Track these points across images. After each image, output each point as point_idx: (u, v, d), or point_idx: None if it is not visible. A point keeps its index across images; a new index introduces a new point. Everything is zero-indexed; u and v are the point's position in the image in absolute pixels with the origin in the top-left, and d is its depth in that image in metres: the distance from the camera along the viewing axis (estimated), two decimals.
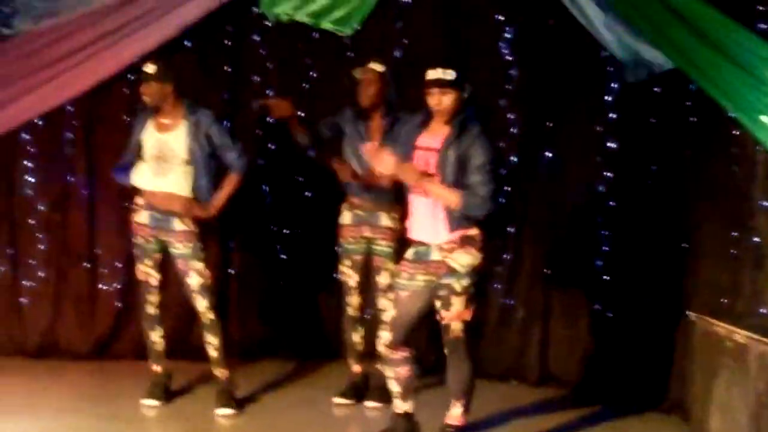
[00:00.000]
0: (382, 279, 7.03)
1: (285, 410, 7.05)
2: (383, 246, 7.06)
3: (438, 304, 5.96)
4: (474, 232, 5.90)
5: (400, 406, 6.20)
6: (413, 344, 6.16)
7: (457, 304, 5.91)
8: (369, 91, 7.08)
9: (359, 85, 7.13)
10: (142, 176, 6.93)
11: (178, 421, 6.82)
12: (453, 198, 5.81)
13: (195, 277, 6.87)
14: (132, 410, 6.91)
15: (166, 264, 7.04)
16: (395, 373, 6.11)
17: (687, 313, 6.91)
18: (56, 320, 8.23)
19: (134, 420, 6.77)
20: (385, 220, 7.04)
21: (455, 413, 6.11)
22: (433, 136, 5.99)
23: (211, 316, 6.89)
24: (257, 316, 8.45)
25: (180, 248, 6.88)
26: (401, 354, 6.06)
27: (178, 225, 6.86)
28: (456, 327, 5.96)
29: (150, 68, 6.85)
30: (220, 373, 6.96)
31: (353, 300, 7.23)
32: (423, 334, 6.88)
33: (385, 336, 6.03)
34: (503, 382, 7.85)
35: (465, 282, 5.89)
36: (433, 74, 5.92)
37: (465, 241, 5.89)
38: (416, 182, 5.88)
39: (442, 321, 5.98)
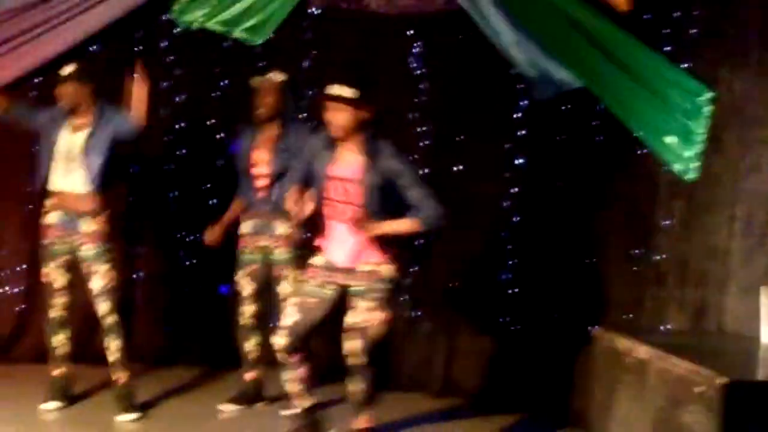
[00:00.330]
0: (282, 288, 7.05)
1: (186, 417, 7.01)
2: (282, 253, 7.06)
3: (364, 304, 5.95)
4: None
5: (303, 403, 6.17)
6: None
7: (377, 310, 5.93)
8: (266, 100, 7.11)
9: (257, 94, 7.15)
10: (52, 177, 6.86)
11: (77, 426, 6.73)
12: (411, 225, 5.87)
13: (98, 280, 6.80)
14: (31, 414, 6.83)
15: (75, 266, 6.95)
16: (295, 375, 6.06)
17: (589, 328, 7.01)
18: None
19: (33, 424, 6.67)
20: (281, 228, 7.05)
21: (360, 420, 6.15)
22: (346, 165, 5.96)
23: (111, 319, 6.82)
24: (162, 322, 8.38)
25: (85, 250, 6.82)
26: (297, 356, 6.01)
27: (85, 226, 6.79)
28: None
29: (67, 70, 6.83)
30: (119, 377, 6.87)
31: (246, 309, 7.23)
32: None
33: (279, 341, 5.95)
34: (407, 393, 7.86)
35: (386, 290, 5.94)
36: (329, 89, 5.90)
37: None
38: (371, 233, 5.86)
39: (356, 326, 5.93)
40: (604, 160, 7.46)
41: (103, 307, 6.82)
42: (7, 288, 8.19)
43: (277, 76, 7.18)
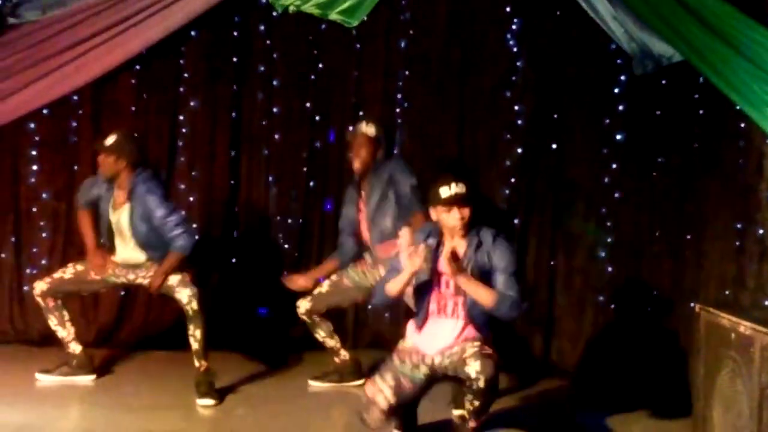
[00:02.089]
0: None
1: (265, 400, 7.01)
2: None
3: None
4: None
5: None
6: None
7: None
8: (361, 153, 7.01)
9: (351, 147, 7.10)
10: (115, 247, 7.09)
11: (161, 410, 6.65)
12: (489, 297, 5.60)
13: (175, 273, 6.93)
14: (115, 397, 6.91)
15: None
16: None
17: (691, 304, 6.87)
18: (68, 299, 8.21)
19: (116, 407, 6.64)
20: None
21: None
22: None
23: (191, 308, 6.86)
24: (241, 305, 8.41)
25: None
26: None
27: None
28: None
29: (108, 140, 6.92)
30: (201, 364, 6.89)
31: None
32: None
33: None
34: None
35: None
36: (446, 191, 5.65)
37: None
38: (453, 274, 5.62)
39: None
40: (706, 134, 7.31)
41: (182, 295, 6.88)
42: None
43: (370, 129, 7.02)
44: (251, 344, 8.05)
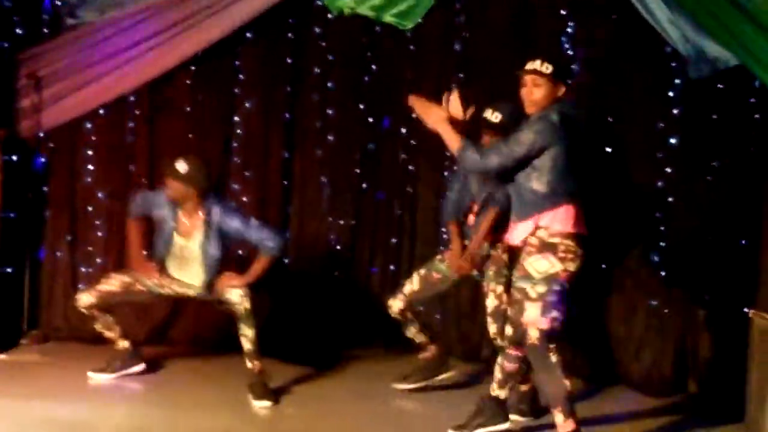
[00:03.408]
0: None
1: (317, 399, 7.04)
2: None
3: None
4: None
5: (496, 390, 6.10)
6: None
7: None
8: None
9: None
10: (168, 264, 7.11)
11: (217, 410, 6.65)
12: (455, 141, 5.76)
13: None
14: (170, 395, 6.95)
15: None
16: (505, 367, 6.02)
17: (744, 309, 6.81)
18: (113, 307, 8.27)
19: (172, 407, 6.67)
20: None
21: (558, 421, 5.84)
22: None
23: (243, 308, 6.86)
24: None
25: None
26: (516, 352, 5.94)
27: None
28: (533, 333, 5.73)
29: (181, 167, 6.89)
30: (254, 365, 6.90)
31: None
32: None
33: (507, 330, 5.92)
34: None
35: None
36: (530, 65, 5.86)
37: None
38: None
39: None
40: (763, 139, 7.23)
41: (233, 294, 6.88)
42: None
43: (495, 116, 6.63)
44: (304, 346, 8.10)
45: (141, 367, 7.26)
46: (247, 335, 6.86)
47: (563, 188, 5.65)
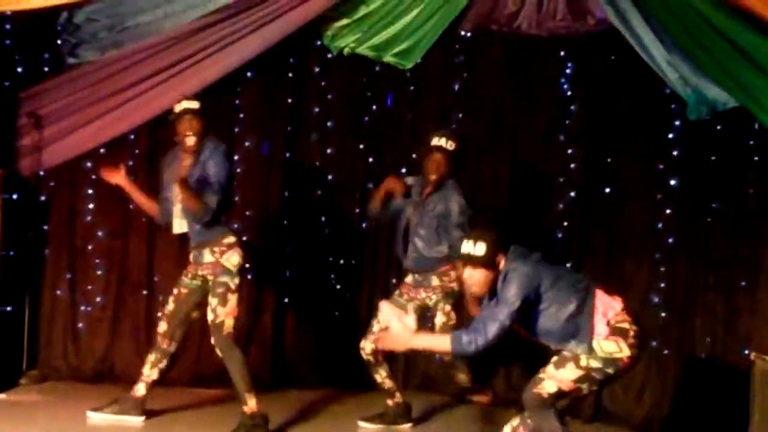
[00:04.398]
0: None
1: None
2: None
3: None
4: None
5: None
6: None
7: None
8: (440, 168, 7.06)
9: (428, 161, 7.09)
10: (174, 221, 7.00)
11: None
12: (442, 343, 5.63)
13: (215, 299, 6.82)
14: None
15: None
16: None
17: (746, 352, 6.82)
18: (113, 346, 8.28)
19: None
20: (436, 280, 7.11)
21: None
22: None
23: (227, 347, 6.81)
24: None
25: (209, 279, 6.89)
26: None
27: (207, 257, 6.88)
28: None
29: (194, 104, 6.88)
30: (246, 402, 6.80)
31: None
32: None
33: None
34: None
35: None
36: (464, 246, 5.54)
37: None
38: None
39: None
40: (761, 180, 7.27)
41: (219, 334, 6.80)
42: (159, 314, 8.26)
43: (450, 144, 7.03)
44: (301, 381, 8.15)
45: (140, 419, 7.13)
46: (232, 371, 6.80)
47: (576, 289, 5.59)
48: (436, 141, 7.02)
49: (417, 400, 7.58)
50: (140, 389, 7.10)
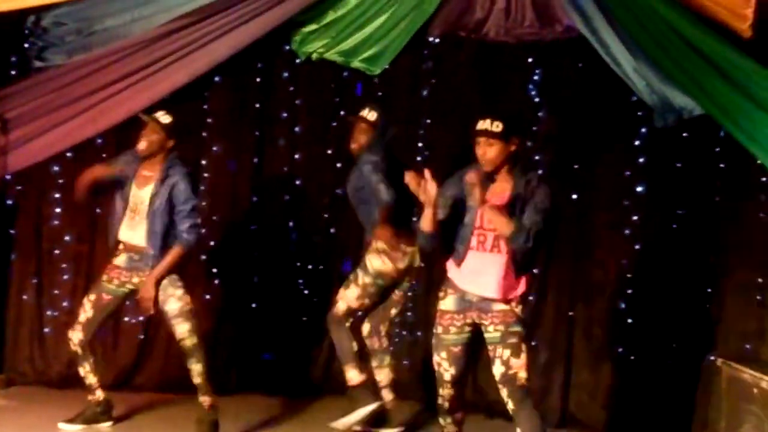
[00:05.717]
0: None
1: None
2: None
3: (506, 352, 5.69)
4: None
5: None
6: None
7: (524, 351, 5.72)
8: (360, 137, 7.13)
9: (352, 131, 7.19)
10: (121, 227, 6.98)
11: None
12: (505, 225, 5.62)
13: (174, 302, 6.85)
14: None
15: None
16: None
17: (710, 357, 6.87)
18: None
19: None
20: None
21: None
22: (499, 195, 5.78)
23: (190, 342, 6.84)
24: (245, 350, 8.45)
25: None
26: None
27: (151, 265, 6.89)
28: (522, 375, 5.71)
29: (165, 118, 6.92)
30: (204, 400, 6.88)
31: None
32: None
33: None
34: None
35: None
36: (481, 124, 5.74)
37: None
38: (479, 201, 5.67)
39: (509, 370, 5.68)
40: (727, 188, 7.34)
41: (180, 328, 6.86)
42: (127, 318, 8.27)
43: (371, 114, 7.13)
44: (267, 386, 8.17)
45: (108, 423, 7.15)
46: (195, 369, 6.84)
47: None
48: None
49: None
50: (99, 394, 7.11)
